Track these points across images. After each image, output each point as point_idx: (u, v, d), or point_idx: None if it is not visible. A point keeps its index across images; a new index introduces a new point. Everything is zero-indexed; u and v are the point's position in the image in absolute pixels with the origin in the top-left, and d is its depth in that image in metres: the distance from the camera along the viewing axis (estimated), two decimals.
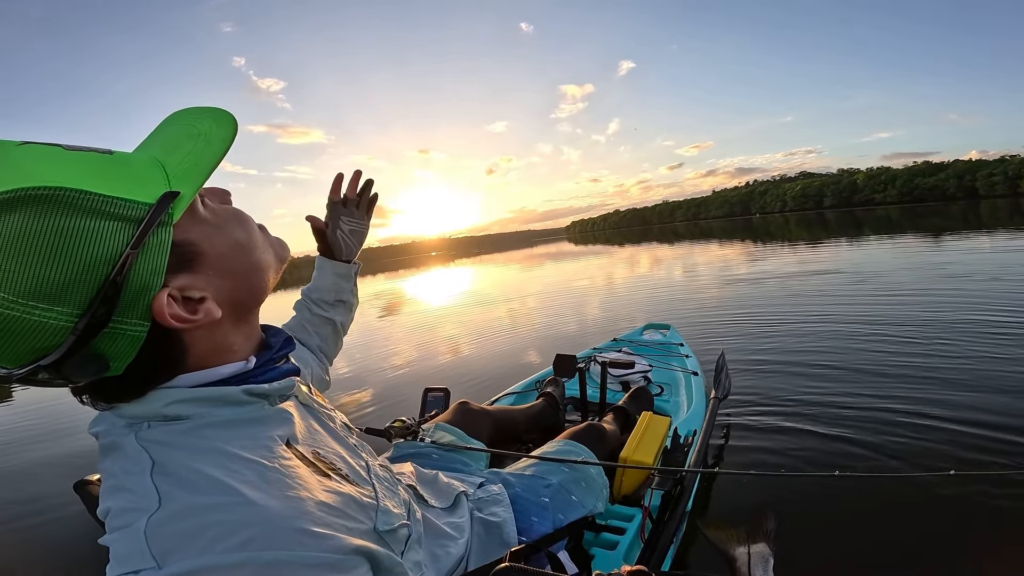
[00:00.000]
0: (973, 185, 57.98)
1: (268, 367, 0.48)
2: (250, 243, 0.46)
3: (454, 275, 19.52)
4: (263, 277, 0.47)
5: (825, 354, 2.83)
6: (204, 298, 0.41)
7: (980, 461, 1.62)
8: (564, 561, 0.81)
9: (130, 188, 0.37)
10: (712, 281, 6.99)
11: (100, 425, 0.43)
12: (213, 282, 0.42)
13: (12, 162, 0.34)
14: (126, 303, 0.36)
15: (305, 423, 0.49)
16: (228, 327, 0.45)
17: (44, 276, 0.33)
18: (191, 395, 0.41)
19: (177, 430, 0.40)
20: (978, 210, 23.33)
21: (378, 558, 0.42)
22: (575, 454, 0.98)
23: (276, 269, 0.49)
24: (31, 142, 0.36)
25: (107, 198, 0.35)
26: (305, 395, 0.53)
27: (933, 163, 70.06)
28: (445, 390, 1.47)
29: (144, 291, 0.37)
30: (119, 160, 0.38)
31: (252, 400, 0.45)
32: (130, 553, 0.34)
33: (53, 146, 0.36)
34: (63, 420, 3.89)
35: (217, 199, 0.45)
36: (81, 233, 0.34)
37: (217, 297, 0.42)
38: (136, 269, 0.36)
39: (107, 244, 0.35)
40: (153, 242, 0.37)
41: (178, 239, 0.39)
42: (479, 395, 2.15)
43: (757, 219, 58.60)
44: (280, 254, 0.50)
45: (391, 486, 0.55)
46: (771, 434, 1.96)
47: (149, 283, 0.37)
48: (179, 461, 0.38)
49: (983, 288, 4.33)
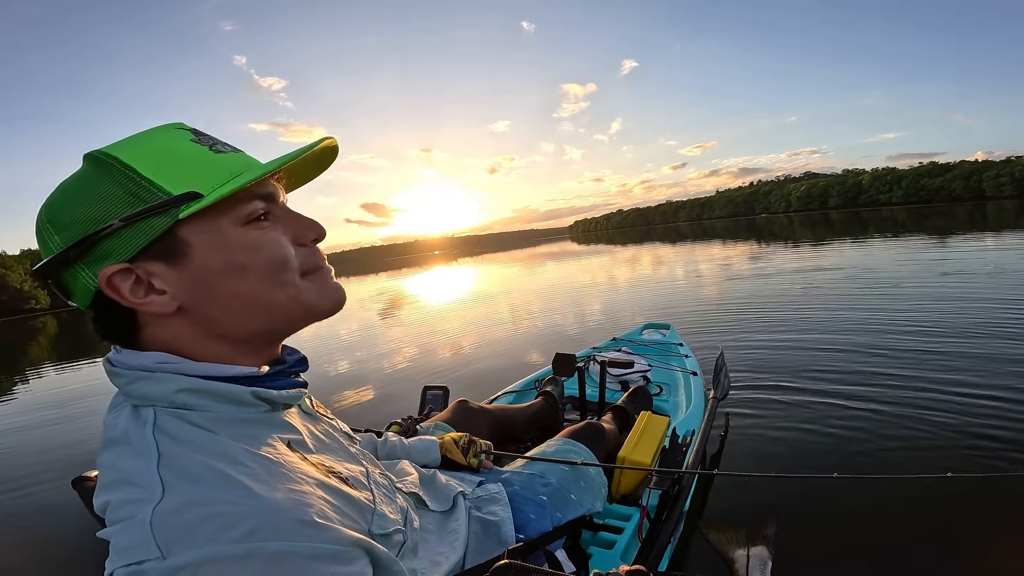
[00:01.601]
0: (980, 186, 57.58)
1: (279, 377, 0.49)
2: (256, 273, 0.43)
3: (456, 274, 19.55)
4: (254, 310, 0.45)
5: (824, 356, 2.82)
6: (163, 291, 0.42)
7: (977, 463, 1.61)
8: (562, 560, 0.82)
9: (170, 178, 0.41)
10: (713, 281, 6.98)
11: (113, 413, 0.43)
12: (186, 284, 0.42)
13: (135, 136, 0.44)
14: (91, 258, 0.41)
15: (307, 430, 0.50)
16: (188, 329, 0.44)
17: (63, 210, 0.42)
18: (201, 386, 0.42)
19: (185, 424, 0.41)
20: (985, 211, 23.16)
21: (377, 554, 0.43)
22: (574, 453, 0.99)
23: (293, 317, 0.47)
24: (183, 126, 0.45)
25: (139, 178, 0.41)
26: (308, 406, 0.55)
27: (939, 164, 69.59)
28: (444, 388, 1.48)
29: (105, 257, 0.41)
30: (208, 157, 0.44)
31: (258, 403, 0.45)
32: (134, 544, 0.34)
33: (181, 130, 0.45)
34: (62, 419, 3.93)
35: (291, 229, 0.46)
36: (99, 192, 0.41)
37: (182, 299, 0.43)
38: (115, 237, 0.41)
39: (107, 208, 0.41)
40: (144, 224, 0.41)
41: (177, 233, 0.41)
42: (478, 394, 2.15)
43: (762, 219, 58.40)
44: (316, 305, 0.47)
45: (389, 493, 0.56)
46: (769, 434, 1.96)
47: (113, 251, 0.41)
48: (186, 454, 0.38)
49: (982, 290, 4.31)
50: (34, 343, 13.71)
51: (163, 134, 0.44)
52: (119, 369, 0.43)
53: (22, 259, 50.55)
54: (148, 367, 0.43)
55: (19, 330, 21.02)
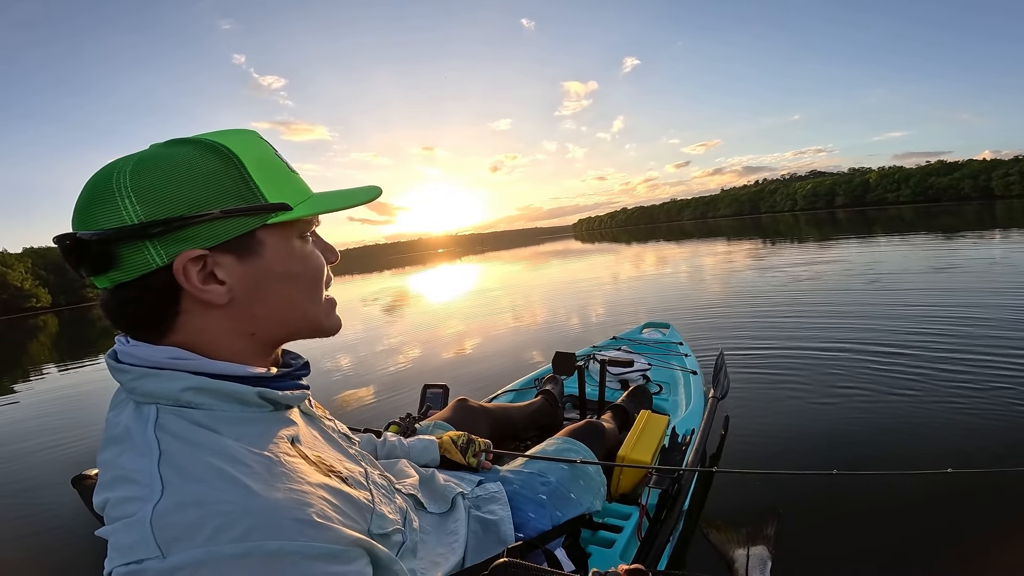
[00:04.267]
0: (988, 185, 56.89)
1: (285, 379, 0.50)
2: (303, 281, 0.49)
3: (459, 272, 19.55)
4: (289, 316, 0.49)
5: (824, 354, 2.81)
6: (223, 282, 0.43)
7: (978, 459, 1.61)
8: (561, 559, 0.82)
9: (268, 184, 0.45)
10: (714, 280, 6.96)
11: (115, 411, 0.44)
12: (246, 280, 0.44)
13: (235, 133, 0.46)
14: (174, 238, 0.41)
15: (308, 430, 0.51)
16: (223, 323, 0.45)
17: (160, 183, 0.40)
18: (208, 384, 0.43)
19: (187, 422, 0.41)
20: (994, 210, 22.92)
21: (377, 555, 0.43)
22: (574, 451, 0.99)
23: (310, 328, 0.51)
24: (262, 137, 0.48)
25: (248, 177, 0.43)
26: (308, 407, 0.55)
27: (947, 162, 68.77)
28: (444, 387, 1.48)
29: (188, 240, 0.41)
30: (288, 174, 0.48)
31: (262, 403, 0.46)
32: (134, 542, 0.35)
33: (265, 141, 0.48)
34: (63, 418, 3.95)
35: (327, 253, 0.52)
36: (208, 179, 0.42)
37: (237, 292, 0.44)
38: (207, 224, 0.41)
39: (212, 196, 0.42)
40: (239, 220, 0.43)
41: (257, 234, 0.44)
42: (478, 392, 2.16)
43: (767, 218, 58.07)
44: (326, 324, 0.52)
45: (388, 494, 0.56)
46: (769, 433, 1.95)
47: (197, 236, 0.41)
48: (187, 453, 0.39)
49: (984, 286, 4.28)
50: (35, 341, 13.75)
51: (257, 140, 0.47)
52: (124, 365, 0.43)
53: (24, 257, 50.31)
54: (158, 363, 0.43)
55: (20, 329, 20.99)
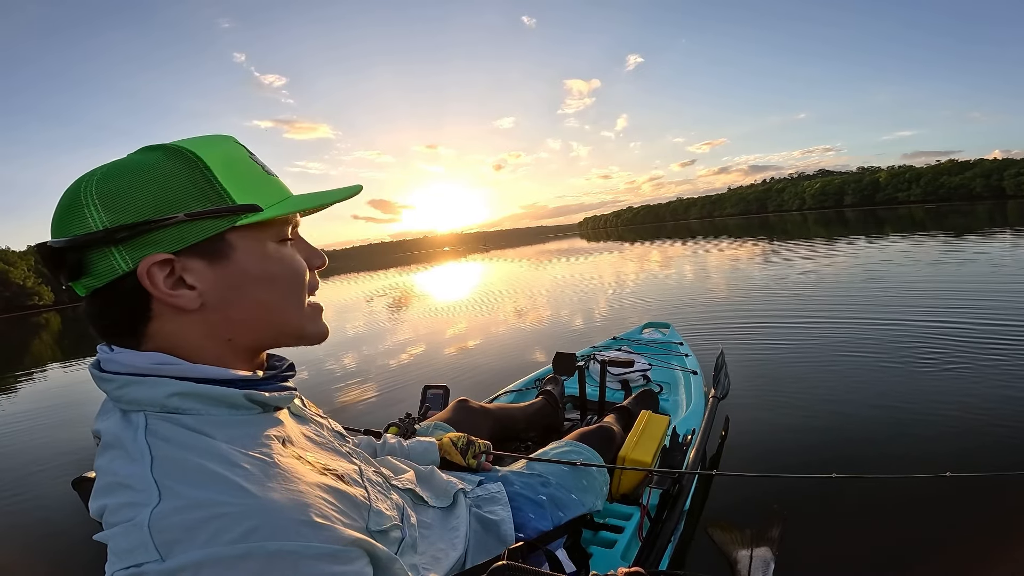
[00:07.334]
0: (1000, 185, 56.03)
1: (272, 382, 0.50)
2: (281, 284, 0.47)
3: (463, 270, 19.57)
4: (268, 321, 0.47)
5: (824, 354, 2.80)
6: (193, 287, 0.42)
7: (977, 463, 1.60)
8: (562, 559, 0.82)
9: (236, 186, 0.44)
10: (714, 279, 6.93)
11: (103, 419, 0.44)
12: (218, 284, 0.44)
13: (205, 139, 0.45)
14: (138, 243, 0.41)
15: (299, 430, 0.51)
16: (198, 327, 0.44)
17: (123, 190, 0.41)
18: (194, 389, 0.42)
19: (177, 427, 0.41)
20: (1005, 210, 22.59)
21: (377, 554, 0.43)
22: (576, 453, 0.99)
23: (291, 334, 0.50)
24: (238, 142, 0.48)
25: (213, 179, 0.43)
26: (298, 407, 0.55)
27: (959, 162, 67.72)
28: (444, 388, 1.48)
29: (153, 244, 0.41)
30: (263, 176, 0.47)
31: (251, 406, 0.46)
32: (132, 547, 0.35)
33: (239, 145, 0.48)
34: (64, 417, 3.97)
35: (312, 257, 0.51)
36: (171, 183, 0.41)
37: (208, 297, 0.43)
38: (172, 228, 0.41)
39: (175, 199, 0.41)
40: (205, 223, 0.42)
41: (226, 236, 0.43)
42: (478, 393, 2.16)
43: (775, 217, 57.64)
44: (309, 330, 0.51)
45: (384, 490, 0.56)
46: (769, 434, 1.95)
47: (162, 241, 0.41)
48: (180, 457, 0.38)
49: (990, 289, 4.23)
50: (37, 340, 13.80)
51: (228, 144, 0.46)
52: (108, 374, 0.43)
53: (27, 255, 49.89)
54: (141, 370, 0.42)
55: (23, 327, 21.02)
